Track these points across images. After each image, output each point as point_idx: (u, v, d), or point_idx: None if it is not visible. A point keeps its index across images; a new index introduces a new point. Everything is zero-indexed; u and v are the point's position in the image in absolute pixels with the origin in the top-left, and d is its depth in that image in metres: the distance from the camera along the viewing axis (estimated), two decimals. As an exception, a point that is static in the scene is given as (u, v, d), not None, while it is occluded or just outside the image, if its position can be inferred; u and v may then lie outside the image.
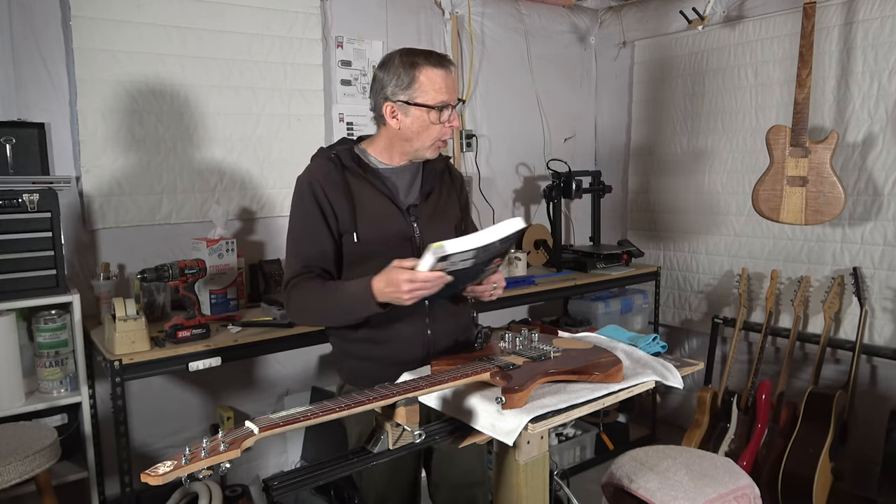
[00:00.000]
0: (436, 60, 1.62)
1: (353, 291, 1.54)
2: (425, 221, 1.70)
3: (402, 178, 1.72)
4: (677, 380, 1.52)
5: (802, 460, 2.60)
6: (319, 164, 1.68)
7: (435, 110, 1.61)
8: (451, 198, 1.81)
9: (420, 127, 1.63)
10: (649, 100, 3.69)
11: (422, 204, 1.71)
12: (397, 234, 1.66)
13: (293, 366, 2.96)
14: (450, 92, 1.62)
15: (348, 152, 1.69)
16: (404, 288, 1.42)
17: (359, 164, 1.67)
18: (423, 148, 1.66)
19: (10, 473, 1.73)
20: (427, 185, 1.74)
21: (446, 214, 1.77)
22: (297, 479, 1.15)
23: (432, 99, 1.60)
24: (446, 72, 1.62)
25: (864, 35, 2.78)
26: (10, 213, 2.07)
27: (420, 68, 1.60)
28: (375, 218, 1.65)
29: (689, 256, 3.56)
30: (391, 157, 1.71)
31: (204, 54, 2.62)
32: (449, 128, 1.65)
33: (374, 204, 1.65)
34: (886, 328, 2.80)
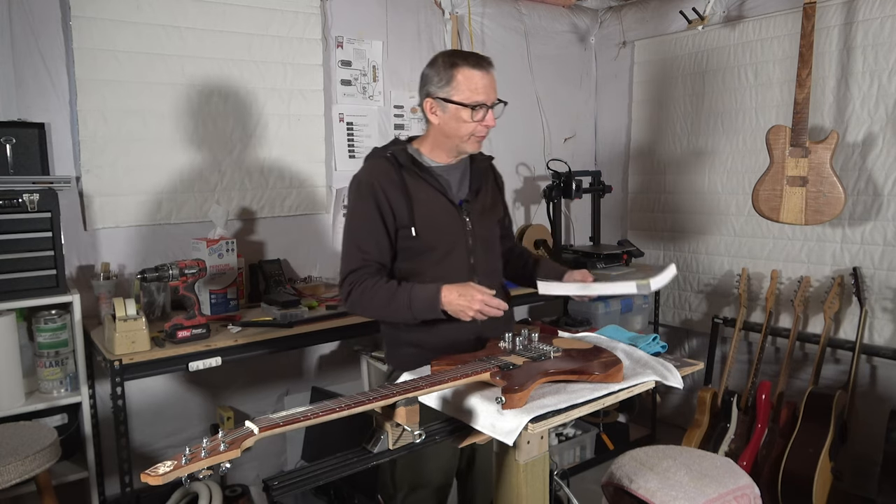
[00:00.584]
0: (474, 61, 1.71)
1: (422, 296, 1.66)
2: (476, 216, 1.82)
3: (452, 175, 1.83)
4: (677, 380, 1.52)
5: (802, 460, 2.60)
6: (378, 164, 1.78)
7: (469, 108, 1.69)
8: (495, 195, 1.94)
9: (456, 123, 1.73)
10: (649, 100, 3.69)
11: (472, 199, 1.83)
12: (452, 227, 1.78)
13: (293, 366, 2.96)
14: (486, 92, 1.70)
15: (403, 152, 1.79)
16: (476, 307, 1.60)
17: (413, 162, 1.78)
18: (462, 143, 1.76)
19: (10, 473, 1.73)
20: (475, 182, 1.85)
21: (493, 210, 1.91)
22: (297, 479, 1.15)
23: (467, 98, 1.69)
24: (484, 72, 1.70)
25: (864, 35, 2.78)
26: (10, 213, 2.08)
27: (458, 68, 1.70)
28: (431, 213, 1.76)
29: (689, 256, 3.56)
30: (439, 155, 1.82)
31: (204, 54, 2.62)
32: (486, 126, 1.73)
33: (430, 200, 1.76)
34: (886, 328, 2.80)
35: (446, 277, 1.69)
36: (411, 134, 3.18)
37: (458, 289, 1.64)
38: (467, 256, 1.80)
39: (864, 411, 2.80)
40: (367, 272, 1.73)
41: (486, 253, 1.85)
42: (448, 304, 1.63)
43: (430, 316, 1.66)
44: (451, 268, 1.77)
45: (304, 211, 2.93)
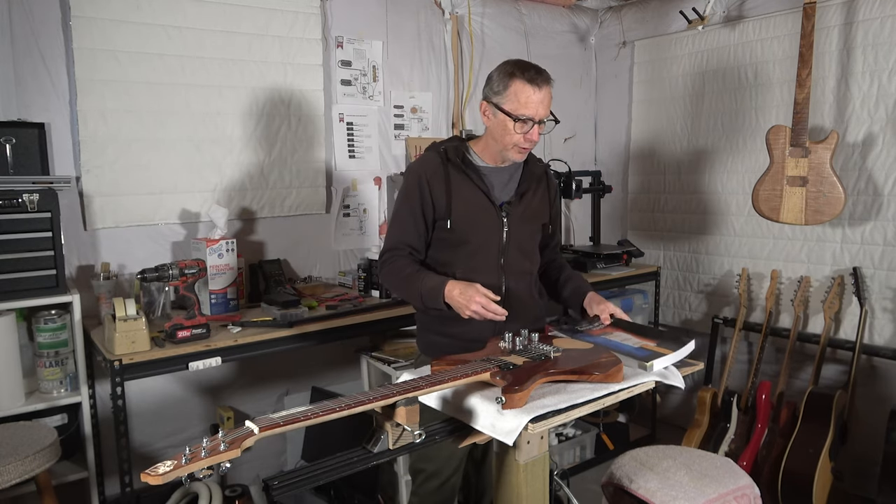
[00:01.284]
0: (530, 76, 1.74)
1: (430, 285, 1.75)
2: (515, 218, 1.87)
3: (499, 176, 1.88)
4: (678, 379, 1.52)
5: (802, 460, 2.60)
6: (429, 157, 1.88)
7: (515, 121, 1.74)
8: (543, 202, 1.96)
9: (502, 131, 1.78)
10: (649, 100, 3.69)
11: (515, 202, 1.87)
12: (487, 225, 1.84)
13: (293, 366, 2.96)
14: (535, 108, 1.74)
15: (455, 149, 1.87)
16: (473, 307, 1.65)
17: (462, 159, 1.85)
18: (505, 150, 1.81)
19: (10, 473, 1.73)
20: (523, 185, 1.90)
21: (536, 215, 1.94)
22: (297, 479, 1.15)
23: (515, 109, 1.74)
24: (536, 88, 1.73)
25: (864, 35, 2.78)
26: (10, 213, 2.08)
27: (514, 79, 1.74)
28: (469, 209, 1.83)
29: (689, 256, 3.56)
30: (488, 156, 1.88)
31: (204, 54, 2.62)
32: (530, 140, 1.78)
33: (470, 196, 1.83)
34: (886, 328, 2.80)
35: (475, 273, 1.79)
36: (412, 135, 3.21)
37: (462, 286, 1.70)
38: (498, 256, 1.85)
39: (864, 411, 2.80)
40: (400, 253, 1.85)
41: (521, 255, 1.89)
42: (450, 298, 1.71)
43: (435, 305, 1.74)
44: (480, 264, 1.83)
45: (304, 211, 2.93)
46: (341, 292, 2.76)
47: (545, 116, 1.77)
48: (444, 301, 1.72)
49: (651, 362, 1.48)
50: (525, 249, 1.91)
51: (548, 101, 1.77)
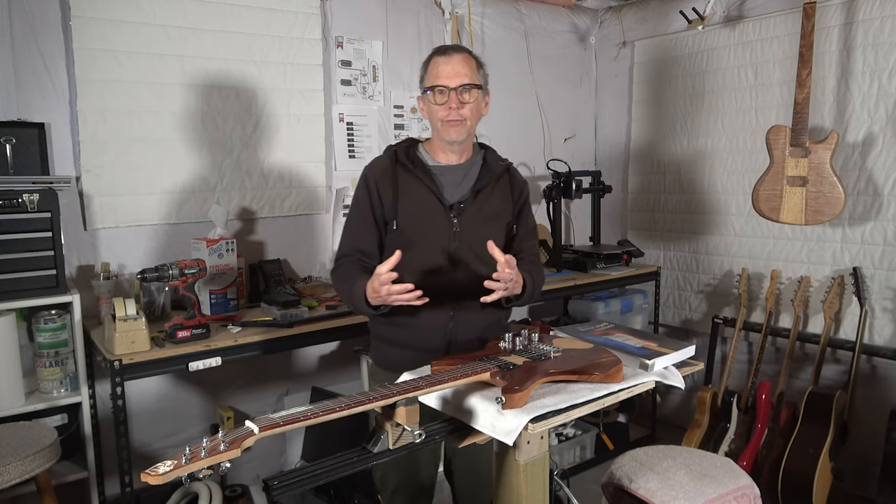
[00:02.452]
0: (440, 50, 1.77)
1: (357, 293, 1.67)
2: (468, 218, 1.77)
3: (451, 175, 1.81)
4: (678, 379, 1.52)
5: (802, 460, 2.60)
6: (380, 159, 1.84)
7: (431, 93, 1.73)
8: (504, 200, 1.86)
9: (429, 111, 1.77)
10: (649, 100, 3.69)
11: (468, 202, 1.78)
12: (435, 226, 1.76)
13: (293, 366, 2.96)
14: (447, 76, 1.71)
15: (406, 149, 1.83)
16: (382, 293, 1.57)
17: (412, 160, 1.80)
18: (438, 130, 1.77)
19: (10, 473, 1.73)
20: (479, 183, 1.81)
21: (494, 215, 1.83)
22: (297, 479, 1.15)
23: (429, 83, 1.74)
24: (446, 58, 1.73)
25: (864, 35, 2.78)
26: (10, 213, 2.07)
27: (430, 59, 1.77)
28: (417, 210, 1.76)
29: (689, 256, 3.56)
30: (438, 153, 1.83)
31: (204, 54, 2.62)
32: (449, 108, 1.71)
33: (418, 196, 1.77)
34: (886, 328, 2.80)
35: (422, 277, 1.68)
36: (413, 135, 3.21)
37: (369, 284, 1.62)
38: (448, 259, 1.76)
39: (864, 411, 2.80)
40: (349, 259, 1.79)
41: (475, 258, 1.75)
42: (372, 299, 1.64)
43: (364, 309, 1.69)
44: (428, 268, 1.74)
45: (304, 211, 2.93)
46: (341, 292, 2.76)
47: (461, 83, 1.71)
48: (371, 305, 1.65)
49: (651, 361, 1.48)
50: (480, 252, 1.73)
51: (462, 69, 1.72)
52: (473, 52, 1.80)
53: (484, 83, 1.81)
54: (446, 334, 1.77)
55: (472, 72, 1.75)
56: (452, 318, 1.77)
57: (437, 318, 1.75)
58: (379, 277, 1.56)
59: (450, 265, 1.76)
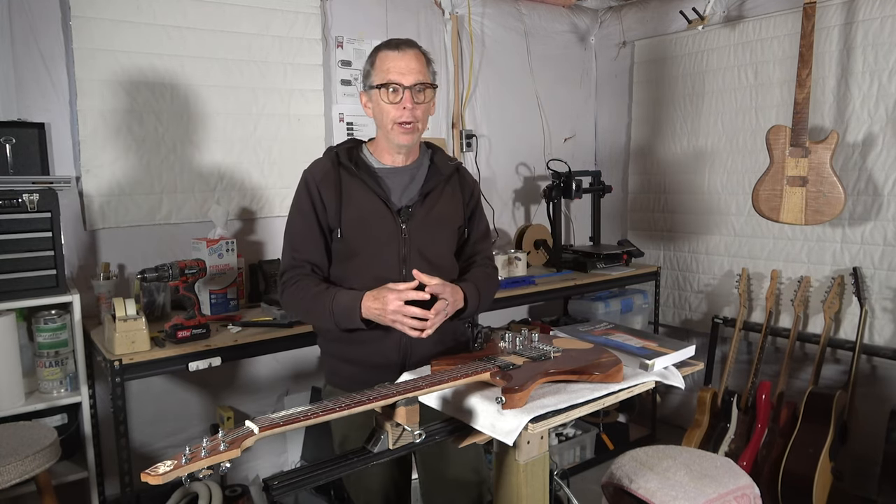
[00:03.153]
0: (391, 43, 1.64)
1: (343, 303, 1.56)
2: (417, 223, 1.67)
3: (398, 178, 1.70)
4: (678, 379, 1.52)
5: (802, 460, 2.60)
6: (319, 161, 1.72)
7: (383, 90, 1.60)
8: (454, 202, 1.76)
9: (379, 111, 1.64)
10: (649, 100, 3.69)
11: (417, 205, 1.68)
12: (383, 233, 1.65)
13: (293, 366, 2.96)
14: (400, 72, 1.59)
15: (349, 151, 1.71)
16: (391, 308, 1.49)
17: (356, 162, 1.68)
18: (388, 132, 1.64)
19: (10, 473, 1.73)
20: (427, 185, 1.70)
21: (445, 219, 1.73)
22: (297, 479, 1.15)
23: (381, 79, 1.61)
24: (399, 52, 1.61)
25: (864, 35, 2.78)
26: (10, 213, 2.07)
27: (377, 53, 1.65)
28: (362, 216, 1.64)
29: (689, 256, 3.56)
30: (383, 155, 1.72)
31: (204, 54, 2.62)
32: (404, 109, 1.60)
33: (363, 202, 1.65)
34: (886, 328, 2.80)
35: (372, 286, 1.57)
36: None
37: (374, 292, 1.53)
38: (399, 266, 1.65)
39: (864, 411, 2.80)
40: (300, 272, 1.66)
41: (426, 265, 1.63)
42: (366, 310, 1.54)
43: (349, 324, 1.56)
44: (378, 277, 1.61)
45: (304, 211, 2.93)
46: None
47: (416, 81, 1.59)
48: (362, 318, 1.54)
49: (652, 361, 1.48)
50: (431, 258, 1.67)
51: (416, 66, 1.60)
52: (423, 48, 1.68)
53: (434, 81, 1.68)
54: (401, 349, 1.65)
55: (426, 69, 1.64)
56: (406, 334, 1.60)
57: (390, 332, 1.61)
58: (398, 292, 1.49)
59: (400, 274, 1.64)
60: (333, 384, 1.77)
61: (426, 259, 1.67)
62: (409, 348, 1.66)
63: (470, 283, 1.68)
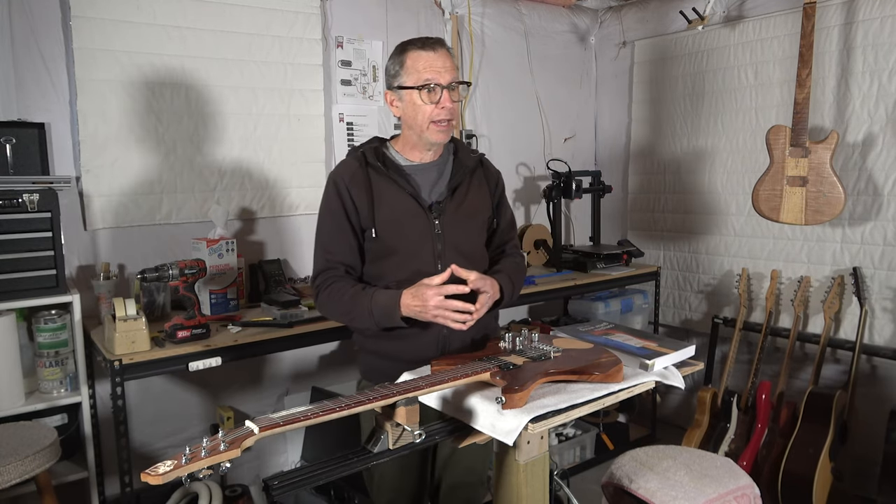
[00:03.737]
0: (422, 43, 1.64)
1: (382, 303, 1.57)
2: (449, 218, 1.70)
3: (426, 174, 1.72)
4: (678, 379, 1.52)
5: (802, 460, 2.60)
6: (346, 162, 1.73)
7: (420, 90, 1.61)
8: (481, 194, 1.78)
9: (413, 110, 1.64)
10: (649, 100, 3.69)
11: (447, 200, 1.70)
12: (417, 230, 1.67)
13: (293, 366, 2.96)
14: (436, 71, 1.61)
15: (374, 150, 1.72)
16: (432, 304, 1.50)
17: (383, 161, 1.69)
18: (424, 132, 1.65)
19: (10, 473, 1.73)
20: (455, 180, 1.73)
21: (474, 211, 1.76)
22: (297, 479, 1.15)
23: (416, 79, 1.61)
24: (432, 52, 1.62)
25: (864, 35, 2.78)
26: (10, 213, 2.07)
27: (407, 52, 1.64)
28: (395, 215, 1.66)
29: (689, 256, 3.56)
30: (411, 152, 1.73)
31: (204, 54, 2.62)
32: (442, 108, 1.62)
33: (395, 201, 1.67)
34: (886, 328, 2.80)
35: (410, 283, 1.59)
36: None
37: (412, 290, 1.55)
38: (434, 262, 1.67)
39: (864, 411, 2.80)
40: (334, 274, 1.68)
41: (461, 258, 1.67)
42: (406, 308, 1.55)
43: (390, 323, 1.58)
44: (415, 273, 1.63)
45: (304, 211, 2.93)
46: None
47: (452, 80, 1.62)
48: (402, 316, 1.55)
49: (652, 361, 1.48)
50: (465, 251, 1.71)
51: (449, 64, 1.63)
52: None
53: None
54: (439, 342, 1.68)
55: (456, 67, 1.67)
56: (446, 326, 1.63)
57: (429, 327, 1.65)
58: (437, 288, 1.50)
59: (436, 269, 1.66)
60: (369, 379, 1.76)
61: (460, 252, 1.70)
62: (447, 342, 1.69)
63: (504, 275, 1.70)
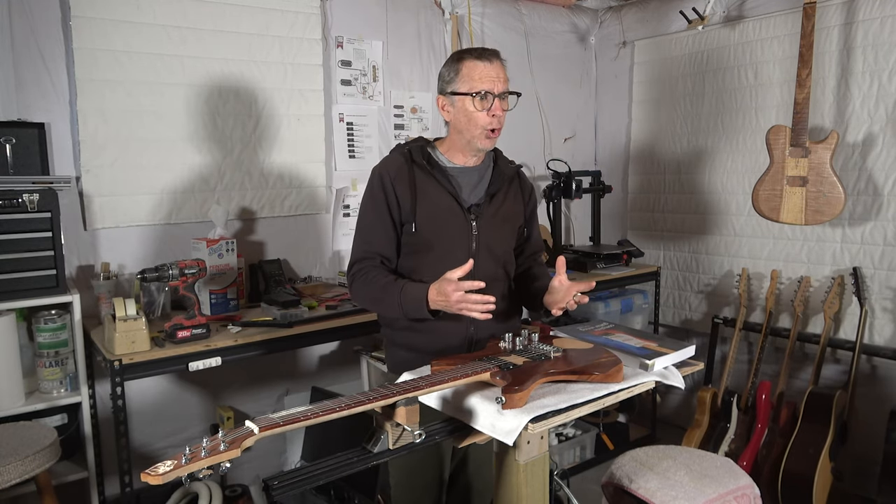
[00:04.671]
0: (478, 52, 1.71)
1: (412, 294, 1.63)
2: (485, 221, 1.76)
3: (468, 177, 1.79)
4: (678, 379, 1.52)
5: (802, 460, 2.60)
6: (393, 158, 1.80)
7: (474, 98, 1.68)
8: (516, 203, 1.87)
9: (465, 116, 1.71)
10: (649, 100, 3.69)
11: (485, 204, 1.77)
12: (455, 229, 1.74)
13: (293, 366, 2.96)
14: (490, 81, 1.68)
15: (420, 149, 1.78)
16: (453, 298, 1.54)
17: (428, 160, 1.76)
18: (474, 138, 1.72)
19: (10, 473, 1.73)
20: (494, 186, 1.80)
21: (508, 217, 1.84)
22: (297, 479, 1.15)
23: (470, 87, 1.68)
24: (487, 63, 1.69)
25: (864, 35, 2.78)
26: (10, 213, 2.08)
27: (462, 61, 1.71)
28: (435, 212, 1.73)
29: (689, 256, 3.56)
30: (456, 155, 1.80)
31: (204, 54, 2.62)
32: (493, 116, 1.69)
33: (437, 199, 1.73)
34: (886, 328, 2.80)
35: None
36: (412, 134, 3.21)
37: (436, 285, 1.59)
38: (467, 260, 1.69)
39: (864, 411, 2.80)
40: (371, 263, 1.74)
41: (492, 260, 1.78)
42: (433, 302, 1.61)
43: (418, 315, 1.64)
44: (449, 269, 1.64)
45: (304, 211, 2.93)
46: (341, 292, 2.76)
47: (504, 90, 1.70)
48: (430, 309, 1.61)
49: (652, 361, 1.48)
50: (497, 254, 1.79)
51: (503, 75, 1.71)
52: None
53: None
54: (467, 338, 1.74)
55: (507, 79, 1.74)
56: (473, 321, 1.71)
57: (457, 322, 1.71)
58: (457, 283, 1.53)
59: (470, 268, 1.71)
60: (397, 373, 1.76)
61: (492, 254, 1.78)
62: (474, 338, 1.75)
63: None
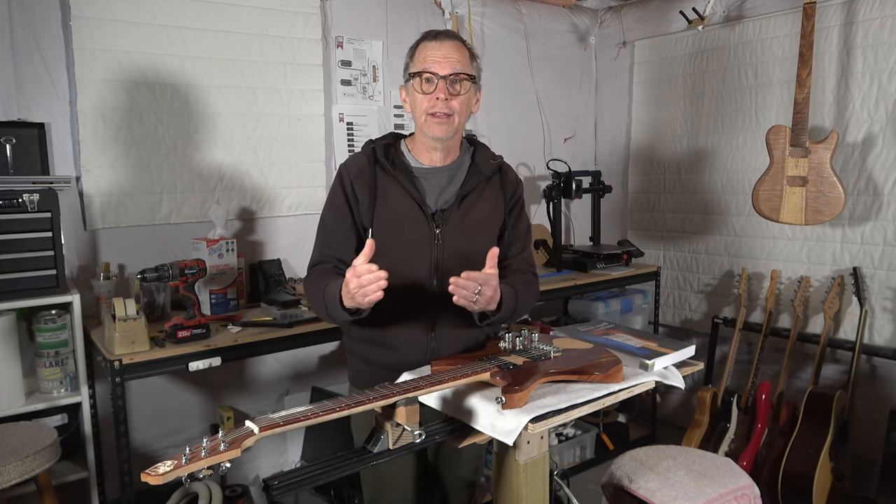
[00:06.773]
0: (430, 34, 1.59)
1: (331, 292, 1.48)
2: (452, 227, 1.61)
3: (436, 178, 1.64)
4: (678, 379, 1.52)
5: (802, 460, 2.60)
6: (356, 156, 1.66)
7: (417, 79, 1.56)
8: (495, 204, 1.69)
9: (413, 102, 1.60)
10: (649, 100, 3.69)
11: (453, 209, 1.61)
12: (416, 236, 1.59)
13: (293, 366, 2.96)
14: (435, 61, 1.54)
15: (386, 147, 1.65)
16: (351, 286, 1.38)
17: (392, 160, 1.62)
18: (421, 126, 1.60)
19: (10, 473, 1.73)
20: (466, 186, 1.64)
21: (482, 221, 1.66)
22: (297, 479, 1.15)
23: (416, 67, 1.57)
24: (437, 42, 1.56)
25: (864, 35, 2.78)
26: (10, 213, 2.07)
27: (418, 44, 1.60)
28: (395, 217, 1.59)
29: (689, 256, 3.56)
30: (420, 153, 1.66)
31: (204, 54, 2.62)
32: (437, 99, 1.54)
33: (397, 203, 1.59)
34: (886, 328, 2.80)
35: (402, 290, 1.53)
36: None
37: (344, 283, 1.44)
38: (430, 271, 1.60)
39: (864, 411, 2.80)
40: (325, 267, 1.62)
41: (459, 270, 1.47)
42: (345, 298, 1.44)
43: (339, 315, 1.48)
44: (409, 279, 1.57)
45: (304, 211, 2.93)
46: (341, 292, 2.75)
47: (452, 71, 1.53)
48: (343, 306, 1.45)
49: (652, 361, 1.48)
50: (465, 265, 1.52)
51: (455, 56, 1.54)
52: (467, 42, 1.62)
53: (477, 76, 1.62)
54: (427, 353, 1.62)
55: (466, 61, 1.57)
56: (434, 336, 1.62)
57: (417, 336, 1.61)
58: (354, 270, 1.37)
59: (431, 278, 1.60)
60: (358, 387, 1.69)
61: (459, 265, 1.54)
62: (435, 352, 1.63)
63: (510, 288, 1.57)
